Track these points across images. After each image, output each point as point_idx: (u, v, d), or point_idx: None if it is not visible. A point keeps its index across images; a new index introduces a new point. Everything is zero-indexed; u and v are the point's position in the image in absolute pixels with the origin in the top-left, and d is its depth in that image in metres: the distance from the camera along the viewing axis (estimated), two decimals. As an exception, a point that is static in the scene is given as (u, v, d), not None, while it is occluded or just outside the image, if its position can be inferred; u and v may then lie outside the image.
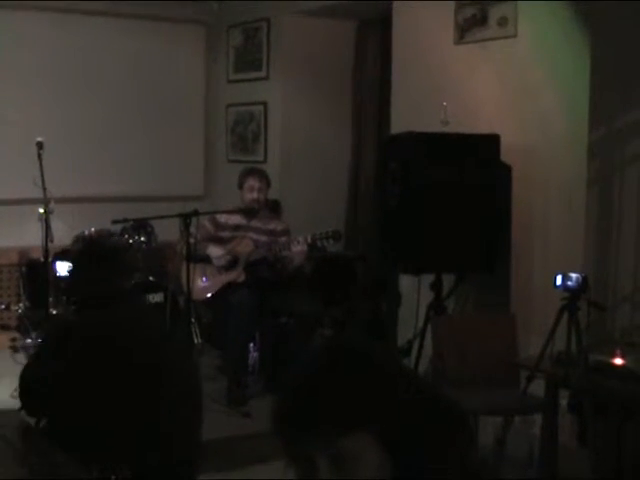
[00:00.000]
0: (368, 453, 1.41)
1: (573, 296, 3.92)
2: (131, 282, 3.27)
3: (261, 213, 6.04)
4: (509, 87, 5.35)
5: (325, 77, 7.57)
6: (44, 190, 5.40)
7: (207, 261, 5.91)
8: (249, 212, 5.98)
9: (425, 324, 5.18)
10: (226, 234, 6.03)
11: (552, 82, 5.08)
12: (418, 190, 5.05)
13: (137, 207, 6.89)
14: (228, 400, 5.52)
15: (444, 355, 4.64)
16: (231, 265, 5.89)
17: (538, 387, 4.18)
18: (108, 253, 3.23)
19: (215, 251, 5.94)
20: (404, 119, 5.95)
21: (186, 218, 5.44)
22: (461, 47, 5.62)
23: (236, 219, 6.04)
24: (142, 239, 6.66)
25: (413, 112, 5.93)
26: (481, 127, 5.25)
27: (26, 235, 6.77)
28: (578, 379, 3.89)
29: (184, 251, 5.44)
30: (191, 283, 5.36)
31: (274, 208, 6.64)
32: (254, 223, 6.01)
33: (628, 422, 4.04)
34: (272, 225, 6.08)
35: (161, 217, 5.80)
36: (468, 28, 5.57)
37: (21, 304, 6.98)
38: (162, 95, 7.94)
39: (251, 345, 6.01)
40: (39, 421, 3.80)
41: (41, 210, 5.55)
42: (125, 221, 5.94)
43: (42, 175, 5.36)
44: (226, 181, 7.63)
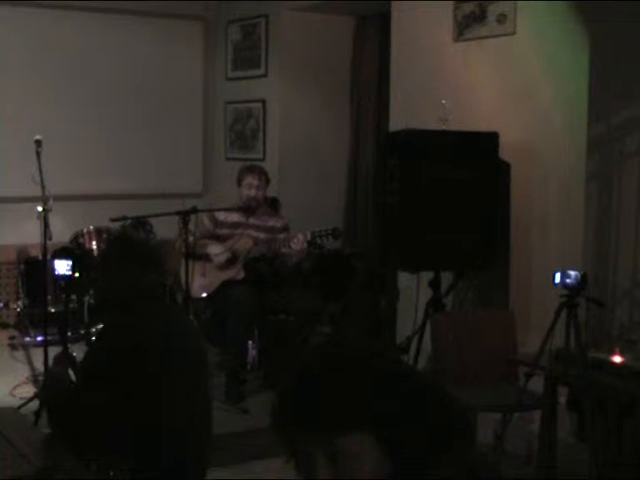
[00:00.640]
0: (366, 452, 1.41)
1: (572, 293, 3.91)
2: (163, 281, 3.18)
3: (260, 210, 6.03)
4: (508, 84, 5.35)
5: (324, 74, 7.57)
6: (43, 188, 5.37)
7: (206, 258, 5.91)
8: (248, 209, 5.97)
9: (424, 321, 5.18)
10: (225, 231, 6.02)
11: (551, 79, 5.08)
12: (417, 187, 5.05)
13: (136, 204, 6.88)
14: (226, 396, 5.52)
15: (443, 352, 4.64)
16: (230, 262, 5.89)
17: (537, 384, 4.18)
18: (143, 250, 3.13)
19: (214, 248, 5.93)
20: (403, 116, 5.94)
21: (185, 215, 5.44)
22: (460, 44, 5.62)
23: (235, 216, 6.03)
24: (141, 236, 6.67)
25: (412, 109, 5.93)
26: (480, 124, 5.25)
27: (24, 233, 6.77)
28: (577, 376, 3.89)
29: (183, 248, 5.45)
30: (190, 280, 5.35)
31: (273, 205, 6.63)
32: (253, 220, 6.01)
33: (627, 419, 4.04)
34: (271, 222, 6.07)
35: (160, 215, 5.80)
36: (467, 25, 5.57)
37: (20, 302, 6.97)
38: (160, 92, 7.93)
39: (250, 342, 6.01)
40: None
41: (39, 208, 5.53)
42: (124, 219, 5.94)
43: (41, 173, 5.33)
44: (225, 178, 7.63)
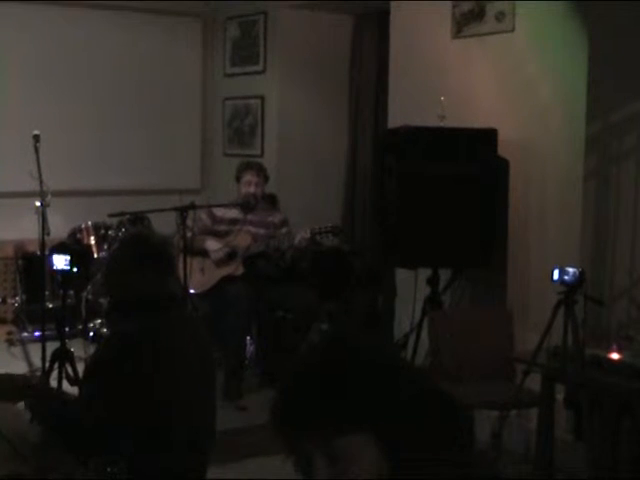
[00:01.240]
0: (366, 452, 1.41)
1: (570, 290, 3.92)
2: (172, 282, 3.11)
3: (258, 206, 6.04)
4: (506, 81, 5.34)
5: (322, 71, 7.56)
6: (41, 183, 5.37)
7: (204, 254, 5.91)
8: (246, 206, 5.97)
9: (421, 318, 5.18)
10: (223, 227, 6.02)
11: (549, 76, 5.07)
12: (415, 184, 5.05)
13: (134, 200, 6.89)
14: (224, 393, 5.52)
15: (440, 349, 4.65)
16: (228, 258, 5.88)
17: (534, 381, 4.19)
18: (159, 252, 3.02)
19: (212, 244, 5.93)
20: (401, 113, 5.94)
21: (183, 211, 5.45)
22: (458, 41, 5.62)
23: (233, 212, 6.03)
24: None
25: (410, 106, 5.92)
26: (478, 121, 5.24)
27: (22, 228, 6.76)
28: (574, 373, 3.89)
29: (181, 244, 5.45)
30: (188, 276, 5.35)
31: (271, 202, 6.63)
32: (251, 216, 6.01)
33: (624, 416, 4.05)
34: (270, 217, 6.07)
35: (158, 210, 5.81)
36: (465, 23, 5.56)
37: (17, 297, 6.97)
38: (159, 88, 7.93)
39: (248, 338, 6.01)
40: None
41: (38, 203, 5.53)
42: (122, 214, 5.94)
43: (39, 168, 5.33)
44: (223, 174, 7.63)
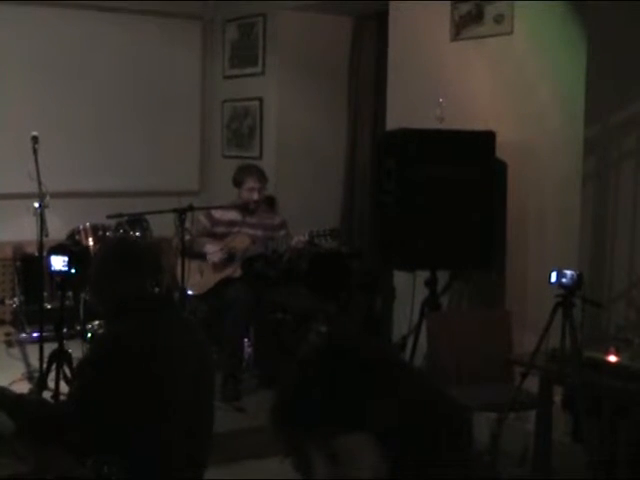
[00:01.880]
0: (365, 452, 1.41)
1: (568, 293, 3.92)
2: (163, 285, 3.11)
3: (257, 209, 6.04)
4: (505, 84, 5.35)
5: (321, 73, 7.56)
6: (39, 184, 5.38)
7: (203, 256, 5.91)
8: (245, 209, 5.97)
9: (420, 320, 5.18)
10: (222, 229, 6.02)
11: (548, 79, 5.08)
12: (413, 186, 5.05)
13: (132, 202, 6.89)
14: (222, 395, 5.51)
15: (439, 351, 4.65)
16: (227, 260, 5.88)
17: (532, 383, 4.19)
18: (143, 256, 3.04)
19: (211, 246, 5.93)
20: (400, 115, 5.94)
21: (181, 213, 5.45)
22: (457, 44, 5.62)
23: (231, 214, 6.03)
24: (137, 234, 6.67)
25: (409, 108, 5.93)
26: (477, 124, 5.25)
27: (21, 229, 6.76)
28: (572, 376, 3.89)
29: (179, 246, 5.44)
30: (186, 278, 5.35)
31: (270, 204, 6.63)
32: (249, 218, 6.01)
33: (622, 419, 4.05)
34: (268, 220, 6.08)
35: (156, 212, 5.81)
36: (464, 25, 5.57)
37: (16, 298, 6.96)
38: (158, 90, 7.92)
39: (246, 340, 6.01)
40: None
41: (36, 204, 5.54)
42: (120, 216, 5.94)
43: (37, 169, 5.33)
44: (221, 176, 7.63)
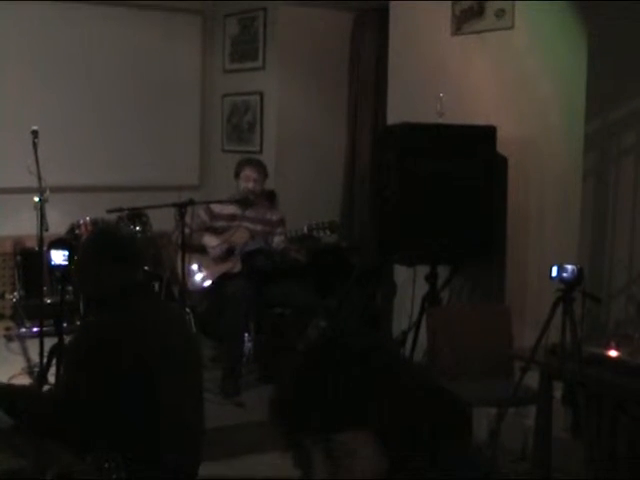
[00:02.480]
0: (364, 448, 1.41)
1: (568, 288, 3.91)
2: (142, 274, 3.17)
3: (257, 203, 6.03)
4: (506, 79, 5.34)
5: (321, 67, 7.55)
6: (39, 179, 5.38)
7: (202, 251, 5.91)
8: (244, 202, 5.97)
9: (420, 315, 5.18)
10: (221, 224, 6.02)
11: (549, 74, 5.07)
12: (413, 181, 5.05)
13: (132, 196, 6.87)
14: (222, 390, 5.52)
15: (439, 346, 4.64)
16: (227, 255, 5.88)
17: (532, 378, 4.19)
18: (122, 246, 3.09)
19: (210, 241, 5.93)
20: (400, 110, 5.94)
21: (181, 207, 5.45)
22: (458, 38, 5.61)
23: (231, 209, 6.03)
24: (137, 228, 6.66)
25: (409, 103, 5.92)
26: (477, 118, 5.24)
27: (21, 224, 6.76)
28: (572, 371, 3.89)
29: (179, 241, 5.44)
30: (186, 273, 5.35)
31: (270, 198, 6.62)
32: (249, 213, 6.01)
33: (622, 414, 4.05)
34: (267, 215, 6.08)
35: (156, 206, 5.81)
36: (465, 19, 5.56)
37: (16, 293, 6.96)
38: (158, 84, 7.91)
39: (245, 335, 6.01)
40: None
41: (36, 199, 5.54)
42: (120, 210, 5.93)
43: (37, 164, 5.33)
44: (221, 171, 7.63)
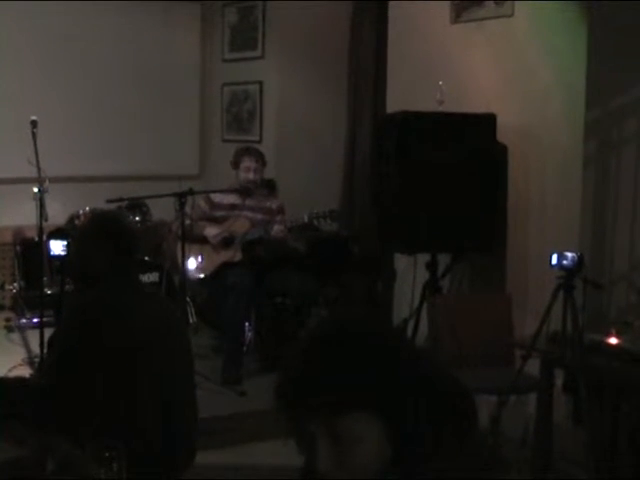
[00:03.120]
0: (368, 432, 1.40)
1: (569, 275, 3.92)
2: (132, 259, 3.21)
3: (256, 192, 6.03)
4: (505, 66, 5.33)
5: (321, 56, 7.53)
6: (38, 169, 5.37)
7: (203, 240, 5.90)
8: (244, 192, 5.97)
9: (420, 304, 5.18)
10: (221, 213, 6.01)
11: (549, 61, 5.06)
12: (414, 169, 5.04)
13: (132, 186, 6.86)
14: (223, 379, 5.52)
15: (439, 335, 4.64)
16: (227, 244, 5.88)
17: (533, 366, 4.19)
18: (115, 228, 3.16)
19: (211, 230, 5.93)
20: (400, 98, 5.93)
21: (181, 197, 5.44)
22: (457, 26, 5.60)
23: (231, 198, 6.02)
24: (137, 218, 6.65)
25: (409, 91, 5.91)
26: (477, 106, 5.23)
27: (20, 214, 6.75)
28: (573, 358, 3.89)
29: (179, 230, 5.44)
30: (186, 262, 5.35)
31: (269, 187, 6.61)
32: (249, 202, 6.00)
33: (623, 401, 4.05)
34: (267, 203, 6.07)
35: (156, 196, 5.80)
36: (464, 8, 5.54)
37: (15, 283, 6.96)
38: (157, 74, 7.89)
39: (246, 324, 6.01)
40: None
41: (35, 189, 5.54)
42: (120, 200, 5.92)
43: (36, 154, 5.32)
44: (221, 160, 7.61)
